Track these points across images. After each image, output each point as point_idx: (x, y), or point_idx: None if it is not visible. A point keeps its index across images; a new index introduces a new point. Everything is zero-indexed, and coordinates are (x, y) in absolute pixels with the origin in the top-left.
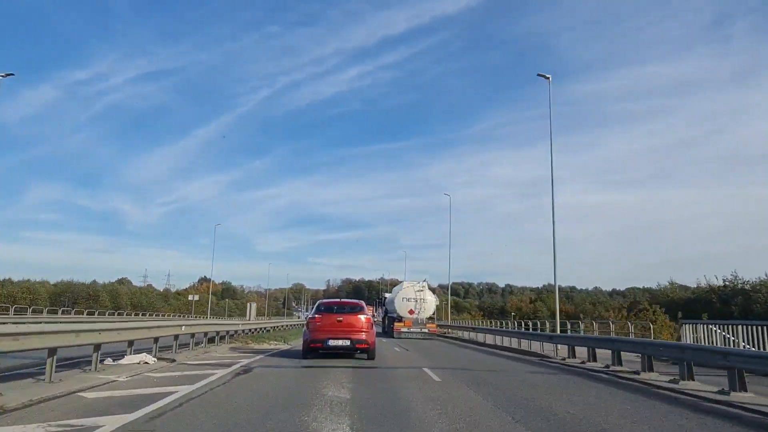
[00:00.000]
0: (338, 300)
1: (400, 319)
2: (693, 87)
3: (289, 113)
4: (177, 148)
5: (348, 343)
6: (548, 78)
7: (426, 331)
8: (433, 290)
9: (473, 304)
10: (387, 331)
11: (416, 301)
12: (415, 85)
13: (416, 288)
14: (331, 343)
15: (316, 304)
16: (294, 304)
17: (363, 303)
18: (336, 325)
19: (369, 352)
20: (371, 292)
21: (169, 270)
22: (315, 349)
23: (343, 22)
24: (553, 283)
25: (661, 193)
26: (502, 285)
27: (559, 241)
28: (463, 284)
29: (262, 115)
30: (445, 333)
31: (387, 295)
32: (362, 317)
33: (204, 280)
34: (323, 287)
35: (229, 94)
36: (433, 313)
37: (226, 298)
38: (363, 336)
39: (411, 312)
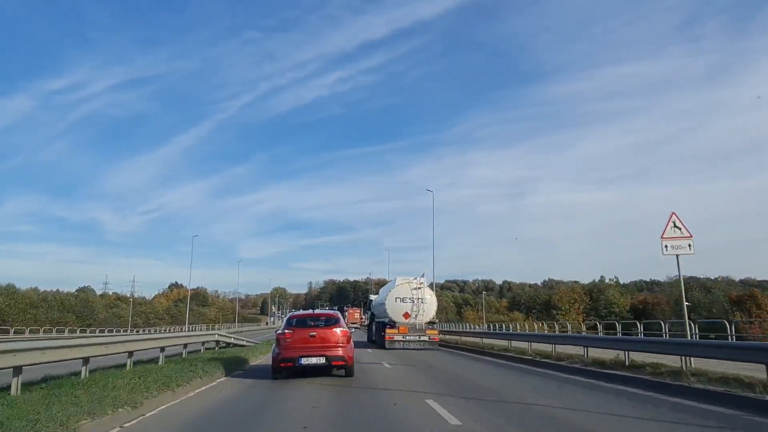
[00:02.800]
0: (311, 312)
1: (393, 324)
2: (667, 86)
3: (271, 119)
4: (157, 156)
5: (323, 360)
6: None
7: (426, 339)
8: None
9: (500, 302)
10: (376, 341)
11: (413, 301)
12: (396, 89)
13: (413, 285)
14: (304, 361)
15: (286, 318)
16: (275, 309)
17: (339, 314)
18: (309, 341)
19: (347, 369)
20: (357, 293)
21: (134, 276)
22: (285, 369)
23: (322, 28)
24: (552, 278)
25: (639, 190)
26: (498, 281)
27: (542, 239)
28: (457, 282)
29: (243, 121)
30: (457, 341)
31: (373, 297)
32: (338, 330)
33: (175, 285)
34: (305, 291)
35: (209, 100)
36: (434, 317)
37: (194, 304)
38: (340, 352)
39: (407, 316)
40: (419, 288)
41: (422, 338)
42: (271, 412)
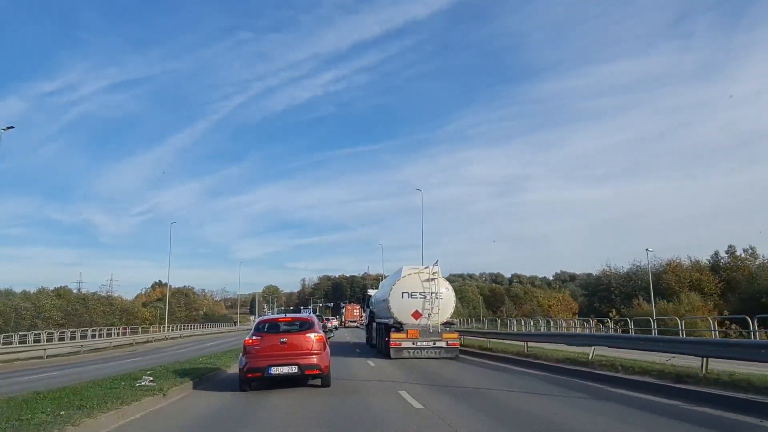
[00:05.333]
0: (282, 316)
1: (399, 327)
2: (658, 82)
3: (264, 119)
4: (150, 157)
5: (295, 369)
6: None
7: (443, 345)
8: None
9: (565, 293)
10: (377, 346)
11: (425, 297)
12: (389, 88)
13: (423, 276)
14: (274, 371)
15: (255, 323)
16: (266, 308)
17: (314, 318)
18: (279, 348)
19: (323, 379)
20: (354, 289)
21: (112, 274)
22: (254, 379)
23: (315, 28)
24: (564, 270)
25: (633, 186)
26: (507, 275)
27: (537, 236)
28: (463, 276)
29: (237, 122)
30: (479, 346)
31: (372, 292)
32: (312, 336)
33: (158, 284)
34: (299, 289)
35: (203, 101)
36: (452, 316)
37: (180, 303)
38: (314, 360)
39: (417, 315)
40: (432, 279)
41: (438, 344)
42: None
